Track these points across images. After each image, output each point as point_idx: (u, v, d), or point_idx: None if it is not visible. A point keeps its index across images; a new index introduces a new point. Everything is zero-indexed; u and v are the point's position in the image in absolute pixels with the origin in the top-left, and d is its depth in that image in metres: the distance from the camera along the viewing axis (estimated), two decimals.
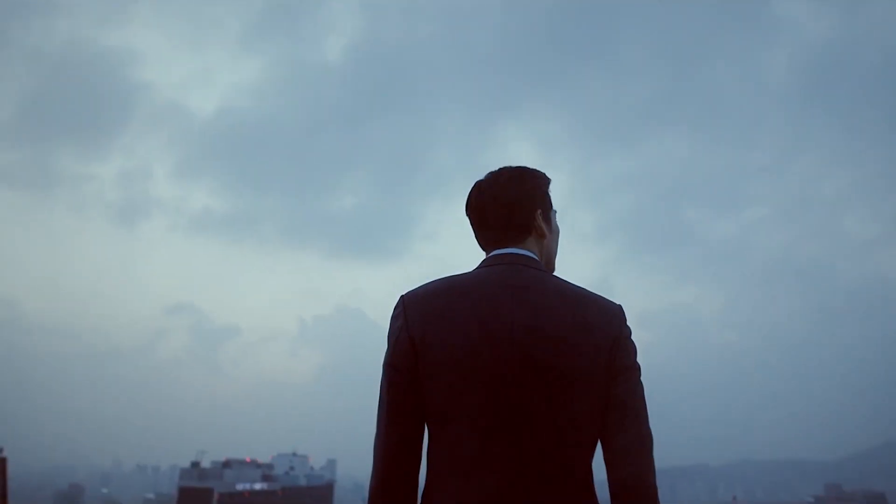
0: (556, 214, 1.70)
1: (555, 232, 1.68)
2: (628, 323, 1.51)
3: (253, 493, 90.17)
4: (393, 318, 1.51)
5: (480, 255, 1.63)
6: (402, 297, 1.53)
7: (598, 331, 1.44)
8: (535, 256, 1.58)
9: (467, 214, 1.68)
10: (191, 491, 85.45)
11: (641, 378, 1.48)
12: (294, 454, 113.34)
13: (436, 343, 1.42)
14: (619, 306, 1.52)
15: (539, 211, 1.62)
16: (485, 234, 1.64)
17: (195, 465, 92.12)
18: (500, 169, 1.66)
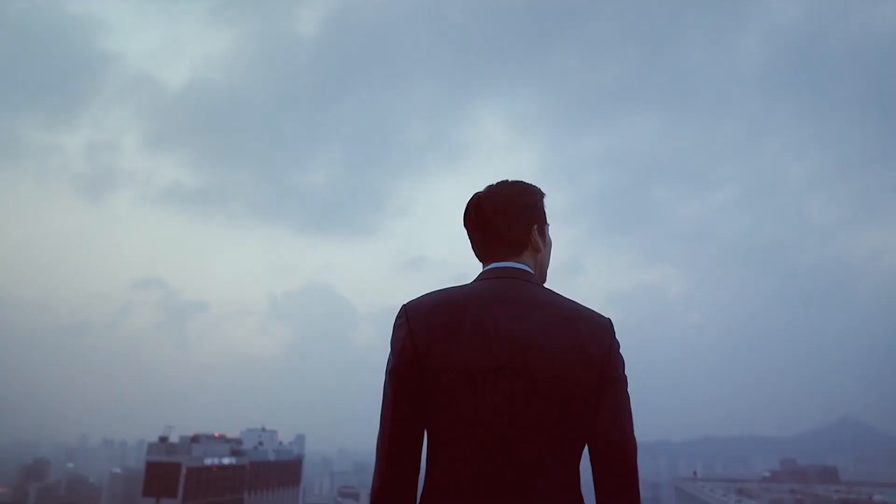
0: (549, 228, 1.79)
1: (548, 245, 1.77)
2: (616, 335, 1.60)
3: (221, 467, 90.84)
4: (396, 326, 1.57)
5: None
6: (404, 306, 1.59)
7: (590, 344, 1.52)
8: (531, 270, 1.67)
9: (465, 226, 1.75)
10: (158, 465, 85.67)
11: (628, 389, 1.57)
12: (263, 429, 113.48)
13: (438, 353, 1.49)
14: (609, 320, 1.61)
15: (535, 226, 1.71)
16: (483, 246, 1.71)
17: (163, 439, 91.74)
18: (499, 183, 1.74)
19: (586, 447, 1.55)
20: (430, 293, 1.60)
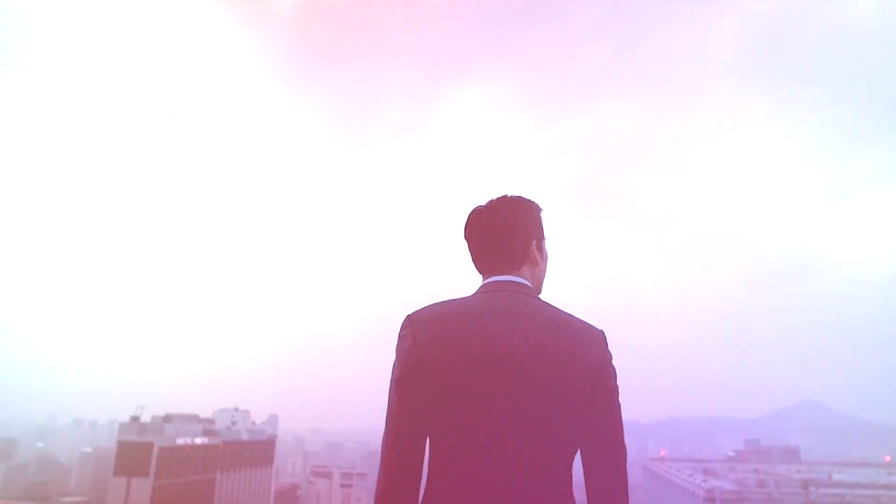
0: (546, 241, 1.88)
1: (545, 259, 1.86)
2: (609, 347, 1.68)
3: (194, 447, 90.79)
4: (401, 336, 1.64)
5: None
6: (409, 316, 1.66)
7: (585, 356, 1.60)
8: (529, 284, 1.75)
9: (465, 239, 1.84)
10: (130, 445, 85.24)
11: (619, 398, 1.66)
12: (236, 409, 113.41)
13: (442, 363, 1.56)
14: (602, 332, 1.68)
15: (534, 241, 1.80)
16: (483, 260, 1.80)
17: (135, 419, 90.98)
18: (499, 198, 1.83)
19: (578, 452, 1.62)
20: (434, 304, 1.68)
